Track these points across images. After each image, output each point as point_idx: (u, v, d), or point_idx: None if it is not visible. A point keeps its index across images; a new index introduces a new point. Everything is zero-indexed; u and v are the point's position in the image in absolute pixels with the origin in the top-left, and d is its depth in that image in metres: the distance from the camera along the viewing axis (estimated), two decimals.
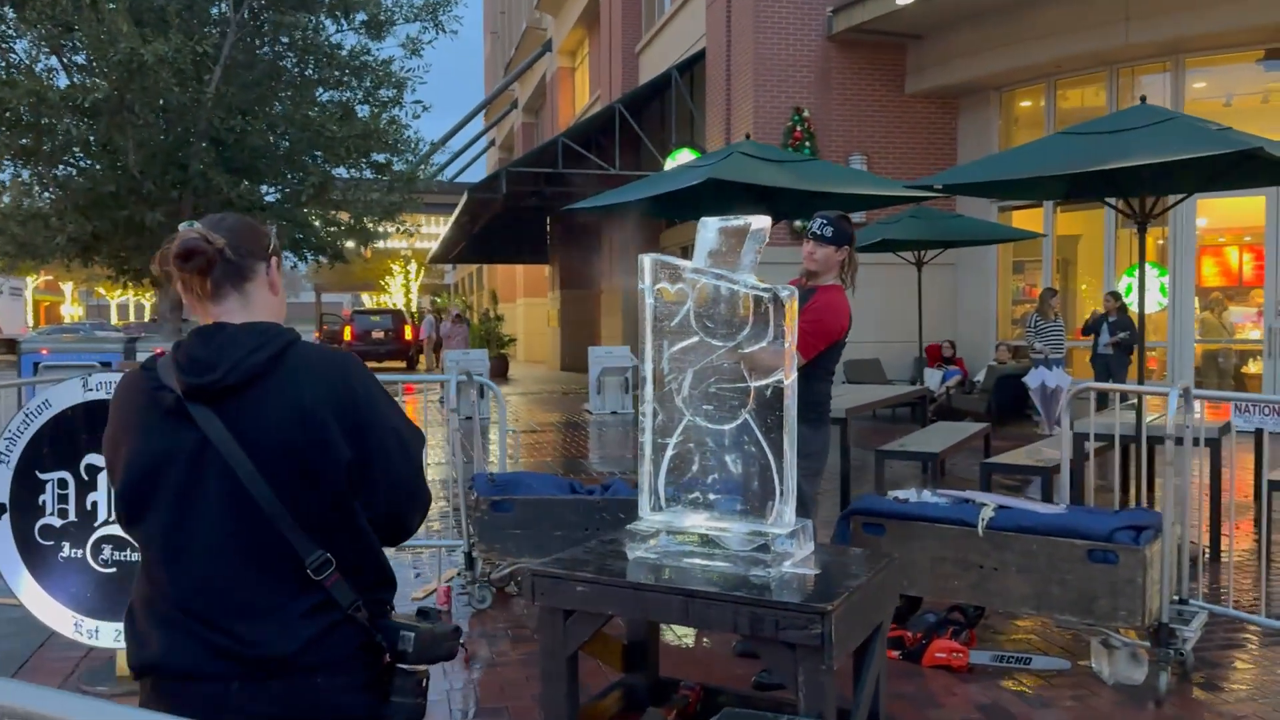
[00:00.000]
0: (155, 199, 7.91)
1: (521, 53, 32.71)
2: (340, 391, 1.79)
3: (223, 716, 1.72)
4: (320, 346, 1.87)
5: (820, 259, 4.25)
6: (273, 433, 1.73)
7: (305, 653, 1.73)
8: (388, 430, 1.84)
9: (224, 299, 1.81)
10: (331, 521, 1.77)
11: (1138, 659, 4.11)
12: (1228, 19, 11.48)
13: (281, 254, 2.11)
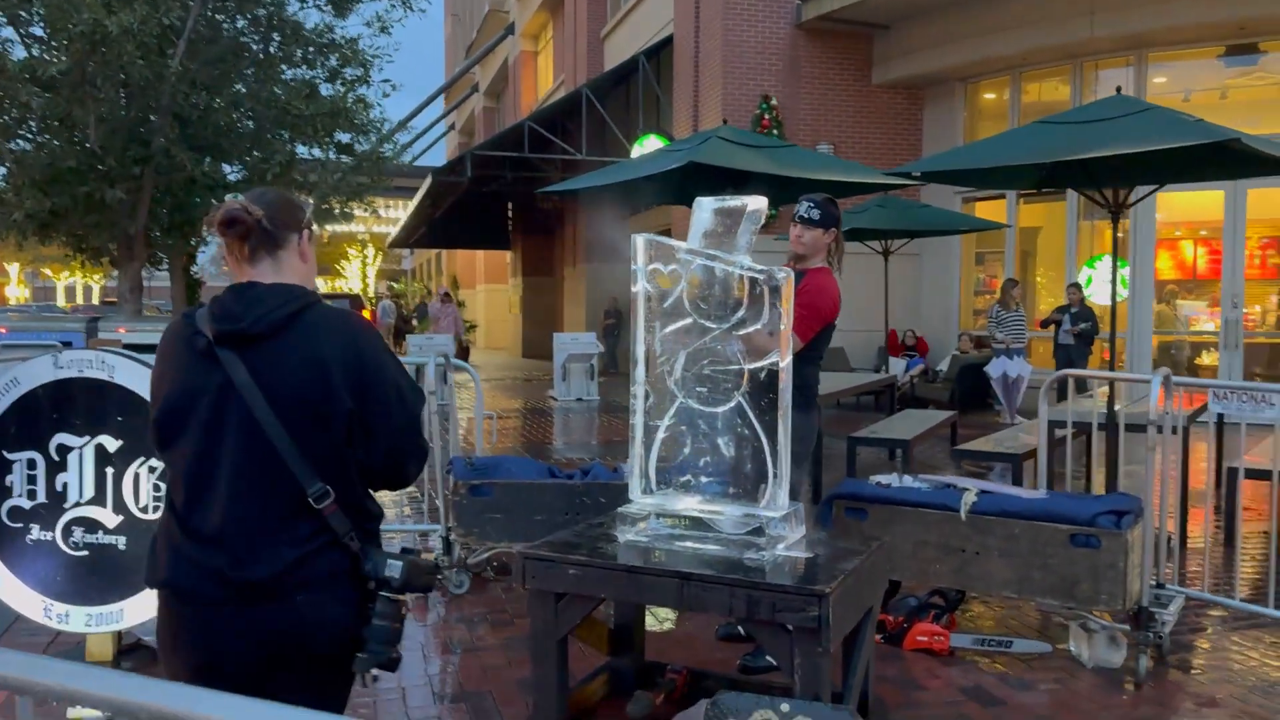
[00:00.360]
0: (116, 175, 7.70)
1: (483, 36, 32.40)
2: (348, 348, 2.02)
3: (213, 635, 1.98)
4: (336, 309, 2.10)
5: (808, 242, 4.23)
6: (287, 379, 1.98)
7: (285, 575, 1.95)
8: (389, 384, 2.06)
9: (259, 262, 2.07)
10: (332, 461, 2.00)
11: (1116, 642, 4.16)
12: (1190, 14, 11.65)
13: (314, 227, 2.28)
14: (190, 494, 2.01)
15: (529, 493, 4.95)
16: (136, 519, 3.90)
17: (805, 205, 4.24)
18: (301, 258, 2.13)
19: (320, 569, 1.99)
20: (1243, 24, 11.70)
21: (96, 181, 7.58)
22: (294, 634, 1.98)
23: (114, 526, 3.91)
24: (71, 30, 6.34)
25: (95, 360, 3.88)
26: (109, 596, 3.91)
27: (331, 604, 2.00)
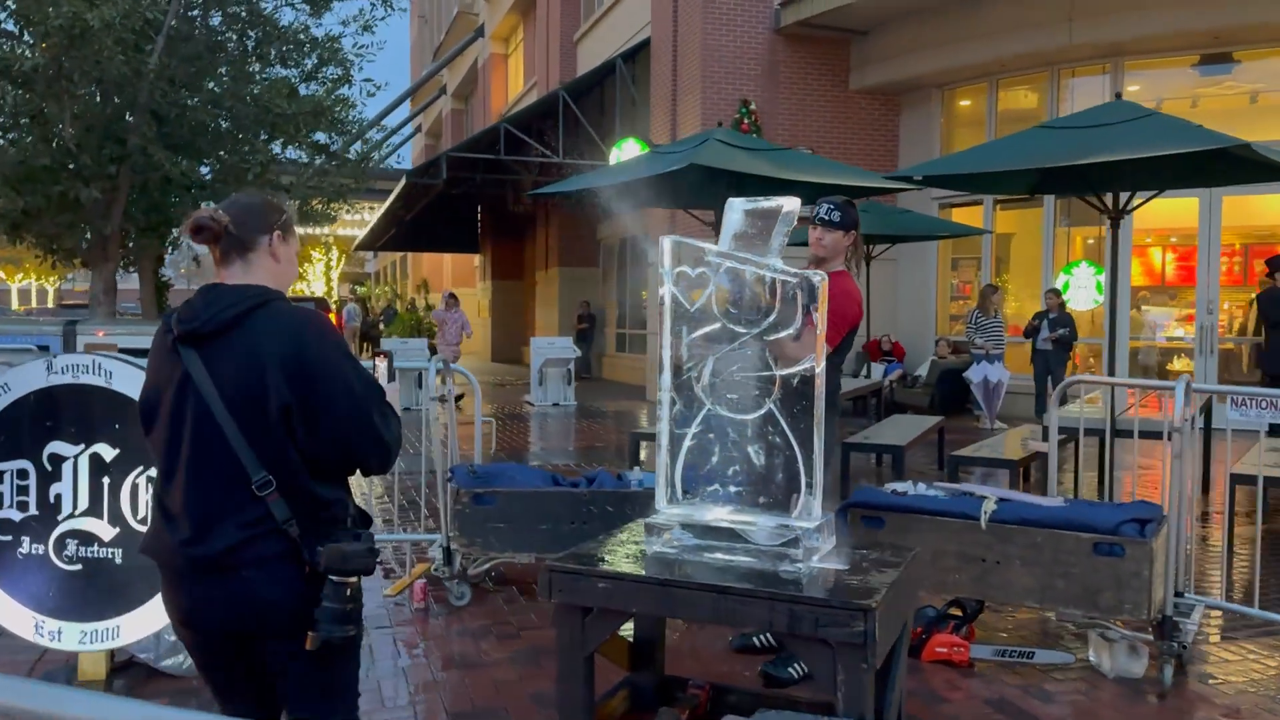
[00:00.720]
0: (90, 174, 7.46)
1: (452, 38, 32.15)
2: (290, 344, 2.17)
3: (183, 599, 2.23)
4: (293, 308, 2.24)
5: (829, 244, 4.15)
6: (233, 374, 2.16)
7: (233, 553, 2.14)
8: (335, 379, 2.19)
9: (229, 264, 2.27)
10: (275, 451, 2.16)
11: (1137, 651, 4.11)
12: (1166, 23, 11.76)
13: (291, 229, 2.39)
14: (162, 476, 2.26)
15: (534, 501, 4.82)
16: (134, 531, 3.72)
17: (825, 207, 4.15)
18: (274, 258, 2.30)
19: (264, 551, 2.16)
20: (1217, 33, 11.83)
21: (70, 180, 7.34)
22: (247, 608, 2.17)
23: (110, 539, 3.74)
24: (49, 24, 6.13)
25: (91, 365, 3.71)
26: (105, 612, 3.73)
27: (274, 584, 2.17)
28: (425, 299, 29.50)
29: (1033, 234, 14.26)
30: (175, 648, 4.01)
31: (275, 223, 2.31)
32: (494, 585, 5.34)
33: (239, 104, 8.16)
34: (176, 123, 8.04)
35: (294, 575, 2.19)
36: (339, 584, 2.18)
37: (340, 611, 2.18)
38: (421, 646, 4.45)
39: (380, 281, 54.55)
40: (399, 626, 4.72)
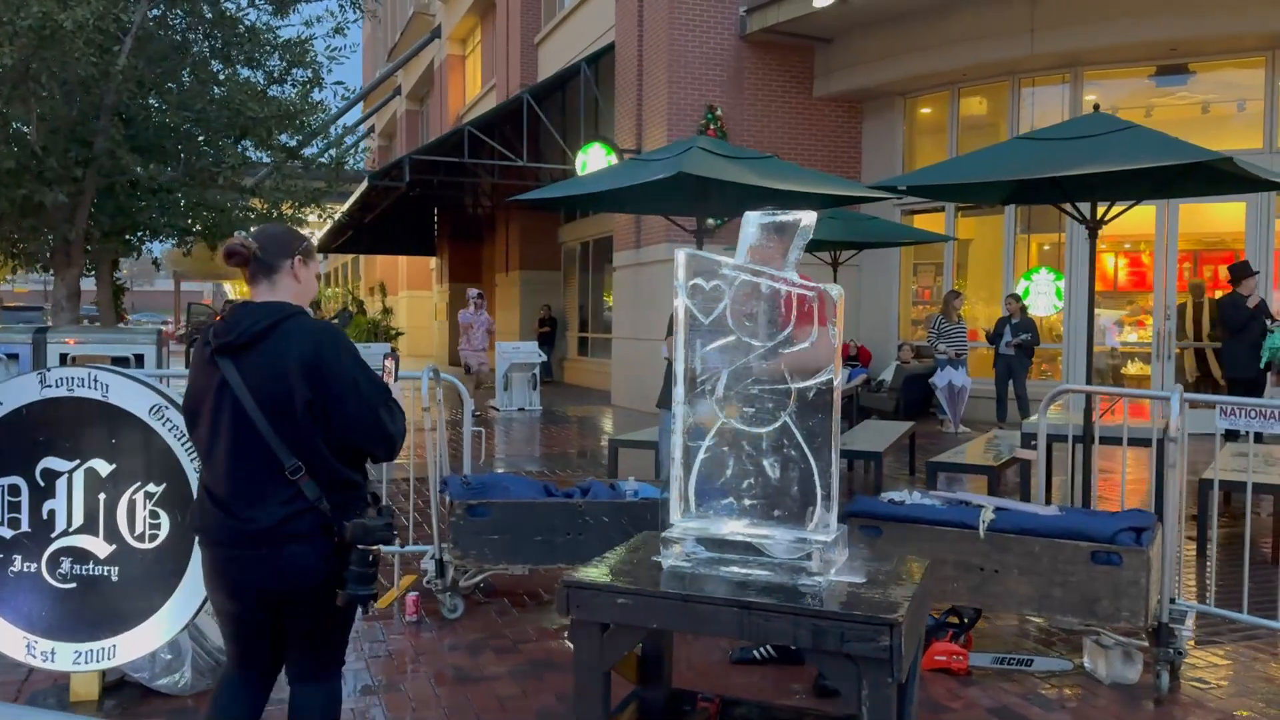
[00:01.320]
0: (55, 177, 7.26)
1: (407, 38, 31.86)
2: (308, 350, 2.57)
3: (229, 574, 2.65)
4: (313, 321, 2.66)
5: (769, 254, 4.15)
6: (262, 379, 2.57)
7: (280, 527, 2.56)
8: (345, 381, 2.59)
9: (257, 284, 2.71)
10: (302, 441, 2.57)
11: (1131, 658, 4.18)
12: (1125, 34, 12.00)
13: (311, 253, 2.81)
14: (207, 467, 2.68)
15: (530, 512, 4.78)
16: (131, 548, 3.64)
17: None
18: (295, 279, 2.72)
19: (301, 527, 2.57)
20: (1174, 45, 12.10)
21: (35, 184, 7.14)
22: (288, 574, 2.59)
23: (106, 556, 3.65)
24: (18, 24, 5.95)
25: (87, 378, 3.61)
26: (100, 632, 3.64)
27: (311, 554, 2.59)
28: (383, 301, 29.17)
29: (993, 240, 14.48)
30: (170, 667, 3.92)
31: (297, 249, 2.73)
32: (484, 597, 5.29)
33: (208, 106, 8.00)
34: (143, 125, 7.87)
35: (326, 545, 2.62)
36: (363, 552, 2.60)
37: (364, 575, 2.61)
38: (417, 660, 4.39)
39: (331, 283, 53.89)
40: (392, 639, 4.65)
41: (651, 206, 7.18)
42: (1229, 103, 12.82)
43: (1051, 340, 13.60)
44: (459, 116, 26.53)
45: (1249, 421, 4.19)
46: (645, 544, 3.51)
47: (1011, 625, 4.93)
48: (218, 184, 8.07)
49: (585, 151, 14.62)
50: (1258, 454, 6.18)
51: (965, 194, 7.10)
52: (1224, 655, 4.54)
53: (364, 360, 2.68)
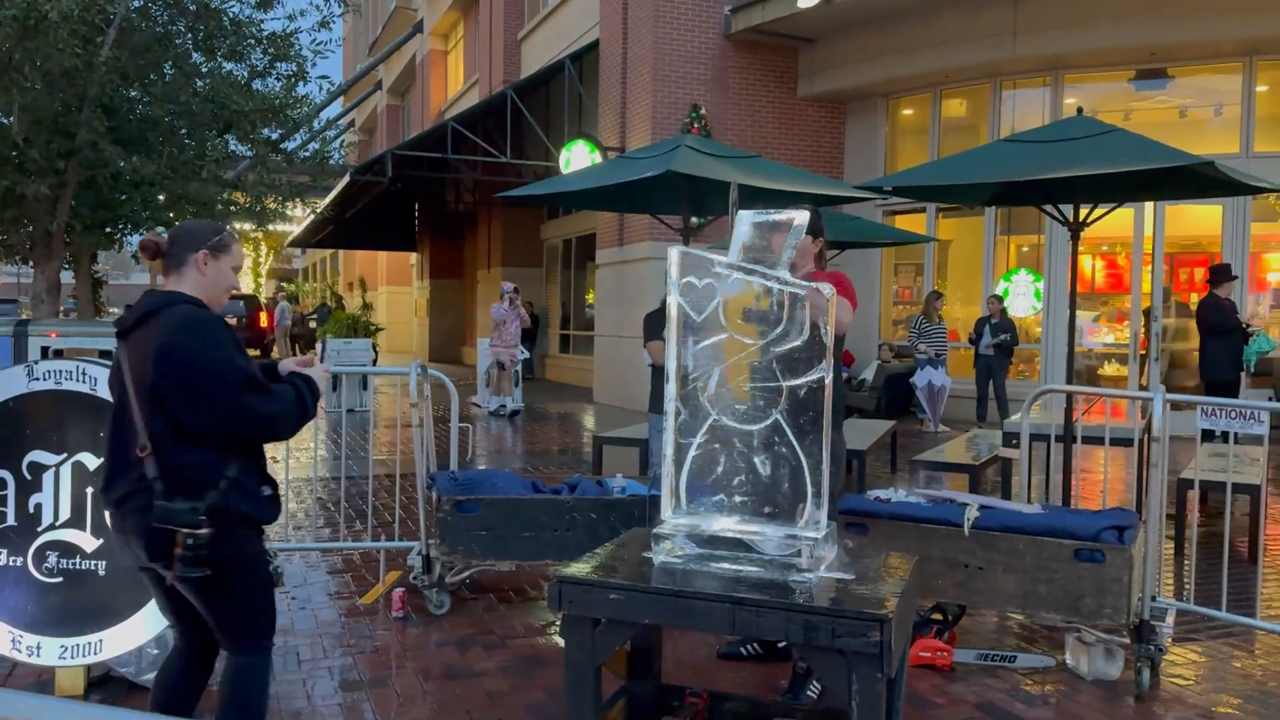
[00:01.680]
0: (37, 169, 7.20)
1: (389, 33, 31.71)
2: (164, 338, 2.70)
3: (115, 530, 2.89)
4: (186, 311, 2.76)
5: (799, 249, 4.18)
6: (134, 362, 2.76)
7: (124, 501, 2.75)
8: (201, 367, 2.69)
9: (168, 275, 2.86)
10: (155, 424, 2.71)
11: (1113, 654, 4.23)
12: (1107, 39, 12.11)
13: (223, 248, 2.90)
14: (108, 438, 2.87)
15: (518, 509, 4.79)
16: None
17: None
18: (200, 272, 2.83)
19: (139, 503, 2.71)
20: (1154, 50, 12.23)
21: (16, 175, 7.08)
22: (135, 547, 2.76)
23: (93, 550, 3.63)
24: (2, 14, 5.88)
25: (75, 371, 3.59)
26: (86, 626, 3.62)
27: (143, 529, 2.70)
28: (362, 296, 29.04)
29: (973, 242, 14.58)
30: (157, 662, 3.90)
31: (205, 243, 2.84)
32: (471, 593, 5.30)
33: (191, 99, 7.95)
34: (126, 117, 7.80)
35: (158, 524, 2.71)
36: (184, 534, 2.66)
37: (188, 556, 2.66)
38: (404, 656, 4.39)
39: (310, 278, 53.60)
40: (378, 635, 4.65)
41: (637, 205, 7.20)
42: (1206, 107, 12.97)
43: (1029, 341, 13.72)
44: (441, 112, 26.44)
45: (1229, 422, 4.25)
46: (635, 540, 3.53)
47: (994, 622, 4.98)
48: (200, 177, 8.02)
49: (569, 149, 14.61)
50: (1236, 454, 6.26)
51: (949, 195, 7.15)
52: (1203, 652, 4.61)
53: (229, 348, 2.74)
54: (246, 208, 9.20)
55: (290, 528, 6.64)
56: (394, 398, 15.86)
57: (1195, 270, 13.96)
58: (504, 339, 14.15)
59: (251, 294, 34.51)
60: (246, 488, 2.80)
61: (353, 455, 10.07)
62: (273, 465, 3.13)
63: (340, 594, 5.29)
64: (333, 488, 8.20)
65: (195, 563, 2.67)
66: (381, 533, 6.44)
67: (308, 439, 11.10)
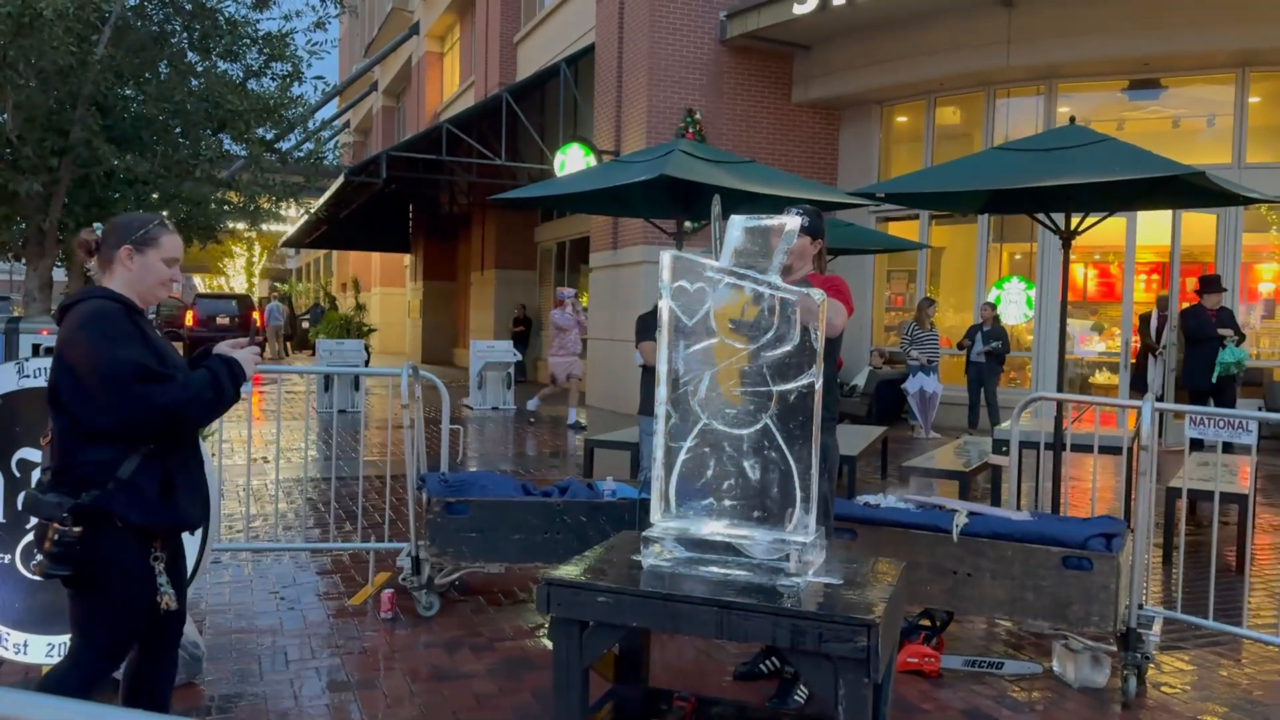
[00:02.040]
0: (30, 167, 7.17)
1: (385, 34, 31.69)
2: (63, 337, 2.73)
3: None
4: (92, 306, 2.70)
5: (796, 250, 4.19)
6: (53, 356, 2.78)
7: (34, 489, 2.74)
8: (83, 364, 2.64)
9: (101, 270, 2.84)
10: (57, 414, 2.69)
11: (1099, 662, 4.25)
12: (1100, 49, 12.17)
13: (149, 241, 2.83)
14: None
15: (508, 511, 4.79)
16: None
17: (795, 212, 4.20)
18: (125, 267, 2.78)
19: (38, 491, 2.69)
20: (1147, 60, 12.28)
21: (9, 172, 7.05)
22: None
23: None
24: None
25: None
26: None
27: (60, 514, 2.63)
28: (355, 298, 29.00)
29: (966, 249, 14.62)
30: None
31: (129, 238, 2.78)
32: (460, 595, 5.29)
33: (186, 98, 7.92)
34: (120, 116, 7.79)
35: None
36: (54, 529, 2.60)
37: (54, 552, 2.61)
38: (393, 658, 4.39)
39: (303, 279, 53.50)
40: (367, 637, 4.64)
41: (631, 208, 7.21)
42: (1199, 118, 13.03)
43: (1020, 349, 13.76)
44: (436, 114, 26.44)
45: (1217, 431, 4.27)
46: (624, 543, 3.53)
47: (982, 628, 4.99)
48: (194, 176, 7.99)
49: (564, 151, 14.62)
50: (1224, 463, 6.29)
51: (942, 203, 7.18)
52: (1189, 660, 4.62)
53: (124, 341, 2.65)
54: (240, 207, 9.17)
55: (280, 528, 6.63)
56: (386, 399, 15.84)
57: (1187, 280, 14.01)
58: (565, 347, 13.10)
59: (244, 294, 34.44)
60: (137, 491, 2.67)
61: (343, 456, 10.06)
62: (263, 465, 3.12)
63: (329, 595, 5.28)
64: (323, 488, 8.19)
65: (59, 560, 2.60)
66: (371, 534, 6.44)
67: (298, 439, 11.09)
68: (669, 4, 14.17)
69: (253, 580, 5.51)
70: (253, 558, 5.91)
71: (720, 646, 4.57)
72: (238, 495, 7.52)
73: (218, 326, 28.13)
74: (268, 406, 14.84)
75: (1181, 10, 11.61)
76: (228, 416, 13.02)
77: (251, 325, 27.58)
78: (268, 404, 15.21)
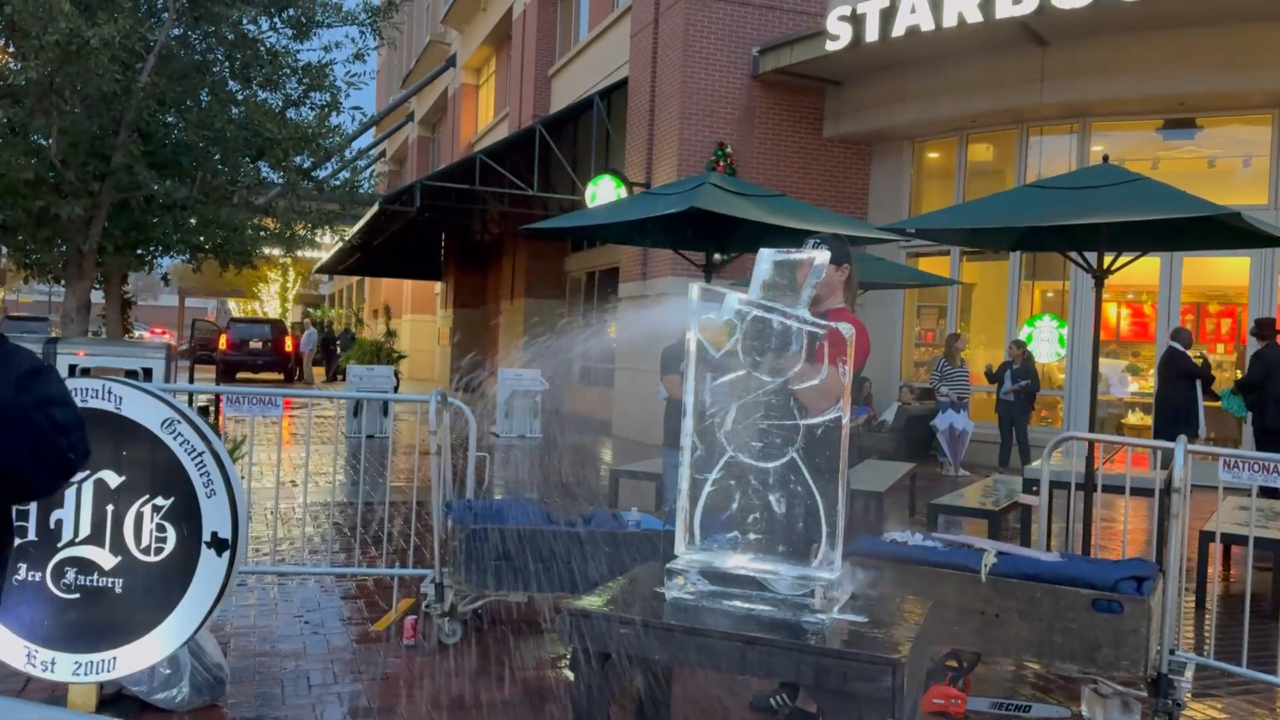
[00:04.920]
0: (72, 190, 7.34)
1: (422, 66, 32.17)
2: None
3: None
4: None
5: (824, 282, 4.16)
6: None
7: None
8: None
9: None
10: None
11: (1129, 708, 4.17)
12: (1134, 88, 12.13)
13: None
14: None
15: (532, 540, 4.79)
16: (136, 560, 3.65)
17: (812, 243, 4.14)
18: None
19: None
20: (1182, 99, 12.23)
21: (51, 195, 7.22)
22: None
23: (110, 568, 3.66)
24: (44, 38, 6.03)
25: (101, 390, 3.64)
26: (101, 644, 3.64)
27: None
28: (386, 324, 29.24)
29: (997, 285, 14.55)
30: (169, 681, 3.92)
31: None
32: (483, 623, 5.29)
33: (226, 126, 8.09)
34: (161, 142, 7.96)
35: None
36: None
37: None
38: (415, 685, 4.39)
39: (335, 304, 54.03)
40: (389, 663, 4.65)
41: (661, 240, 7.24)
42: (1235, 158, 12.94)
43: (1051, 388, 13.63)
44: (470, 144, 26.74)
45: (1251, 475, 4.21)
46: (648, 575, 3.52)
47: (1010, 670, 4.92)
48: (231, 203, 8.15)
49: (595, 183, 14.73)
50: (1261, 508, 6.19)
51: (973, 239, 7.17)
52: (1222, 708, 4.53)
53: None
54: (276, 233, 9.34)
55: (306, 551, 6.66)
56: (414, 425, 15.92)
57: (1221, 321, 13.86)
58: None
59: (278, 318, 34.84)
60: None
61: (371, 481, 10.11)
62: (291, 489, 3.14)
63: (353, 619, 5.29)
64: (349, 513, 8.22)
65: None
66: (396, 559, 6.45)
67: (327, 463, 11.16)
68: (702, 39, 14.30)
69: (278, 603, 5.53)
70: (278, 580, 5.94)
71: (743, 681, 4.53)
72: (265, 518, 7.57)
73: (250, 350, 28.47)
74: (297, 430, 14.96)
75: (1217, 50, 11.56)
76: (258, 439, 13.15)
77: None
78: (297, 428, 15.33)
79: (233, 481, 3.67)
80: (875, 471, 8.34)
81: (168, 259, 9.58)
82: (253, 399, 5.02)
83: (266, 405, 4.99)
